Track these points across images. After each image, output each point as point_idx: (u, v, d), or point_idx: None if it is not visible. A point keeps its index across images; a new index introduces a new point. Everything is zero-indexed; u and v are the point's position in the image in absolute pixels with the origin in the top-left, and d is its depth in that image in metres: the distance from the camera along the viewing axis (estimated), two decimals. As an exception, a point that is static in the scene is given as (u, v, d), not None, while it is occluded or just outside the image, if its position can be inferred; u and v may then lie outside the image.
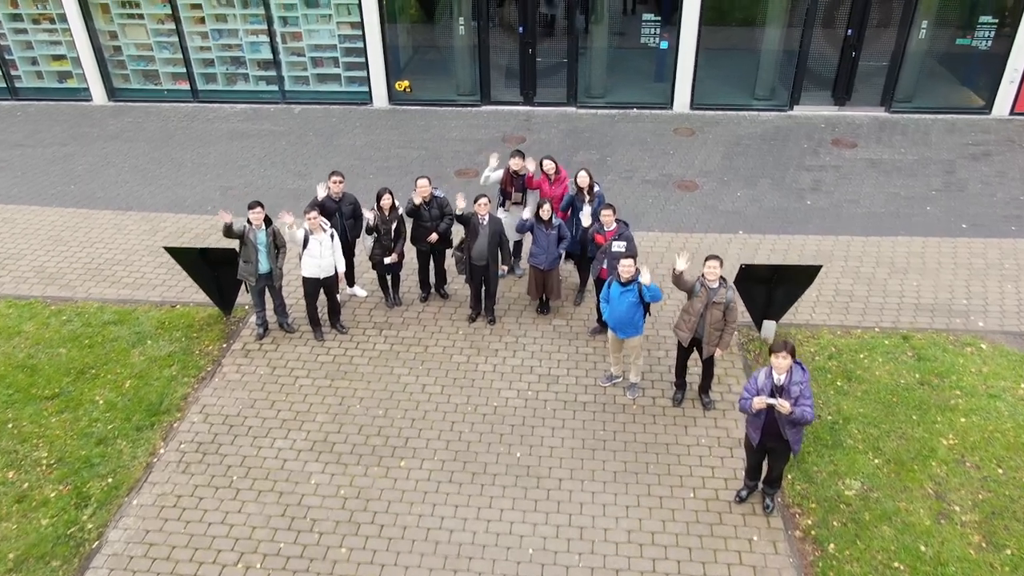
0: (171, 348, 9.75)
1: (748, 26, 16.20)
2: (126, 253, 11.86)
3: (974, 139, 14.82)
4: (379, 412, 8.79)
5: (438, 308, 10.49)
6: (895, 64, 15.52)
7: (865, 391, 8.85)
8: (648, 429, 8.50)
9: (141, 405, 8.86)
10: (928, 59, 15.68)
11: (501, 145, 14.89)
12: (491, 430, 8.52)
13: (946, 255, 11.39)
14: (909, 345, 9.58)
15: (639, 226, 12.18)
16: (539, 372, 9.35)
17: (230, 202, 13.20)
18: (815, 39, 15.38)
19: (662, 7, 15.64)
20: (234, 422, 8.69)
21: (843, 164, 13.99)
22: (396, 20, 16.49)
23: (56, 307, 10.62)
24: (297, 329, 10.05)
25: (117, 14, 16.77)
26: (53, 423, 8.65)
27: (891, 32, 15.29)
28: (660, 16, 15.65)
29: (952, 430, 8.27)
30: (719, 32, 15.73)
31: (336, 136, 15.46)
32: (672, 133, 15.29)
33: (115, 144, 15.41)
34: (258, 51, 16.90)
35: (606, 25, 15.94)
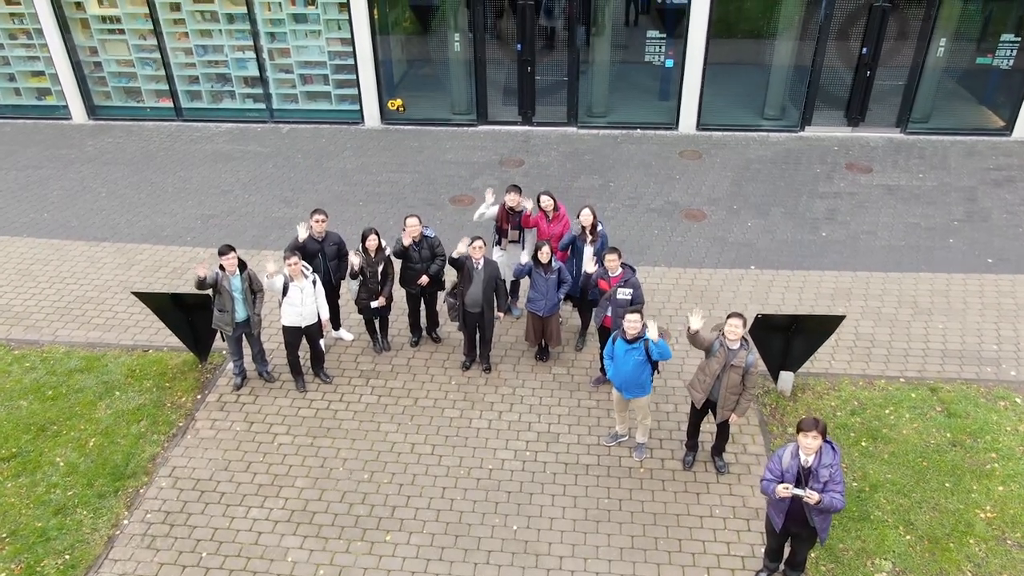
0: (141, 400, 9.01)
1: (757, 42, 15.51)
2: (98, 290, 11.12)
3: (995, 163, 14.11)
4: (364, 476, 8.05)
5: (429, 354, 9.76)
6: (912, 83, 14.83)
7: (892, 453, 8.12)
8: (656, 497, 7.77)
9: (105, 468, 8.12)
10: (946, 78, 14.98)
11: (498, 168, 14.18)
12: (486, 498, 7.79)
13: (972, 294, 10.67)
14: (938, 399, 8.85)
15: (644, 260, 11.46)
16: (538, 429, 8.62)
17: (212, 231, 12.48)
18: (828, 57, 14.67)
19: (666, 22, 14.91)
20: (206, 487, 7.96)
21: (859, 191, 13.28)
22: (388, 35, 15.77)
23: (20, 352, 9.87)
24: (277, 378, 9.32)
25: (97, 29, 16.06)
26: (8, 489, 7.91)
27: (908, 50, 14.60)
28: (665, 33, 14.92)
29: (990, 500, 7.54)
30: (727, 48, 15.04)
31: (325, 158, 14.73)
32: (678, 156, 14.58)
33: (93, 167, 14.68)
34: (244, 68, 16.19)
35: (608, 42, 15.24)
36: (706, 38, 14.35)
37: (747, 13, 15.38)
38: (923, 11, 14.13)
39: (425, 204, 13.18)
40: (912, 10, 14.23)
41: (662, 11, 15.10)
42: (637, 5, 16.01)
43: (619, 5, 15.55)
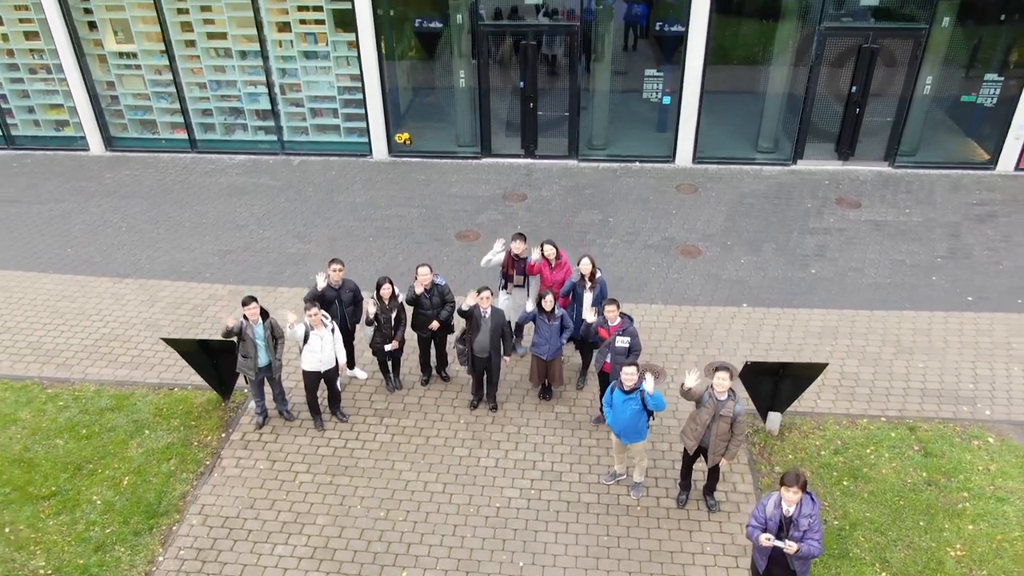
0: (169, 439, 9.64)
1: (751, 75, 16.11)
2: (124, 327, 11.74)
3: (979, 198, 14.74)
4: (380, 513, 8.68)
5: (439, 392, 10.38)
6: (899, 119, 15.46)
7: (872, 492, 8.75)
8: (652, 534, 8.39)
9: (140, 506, 8.75)
10: (933, 114, 15.59)
11: (502, 203, 14.80)
12: (494, 535, 8.41)
13: (952, 332, 11.30)
14: (916, 438, 9.48)
15: (642, 298, 12.09)
16: (542, 467, 9.24)
17: (229, 267, 13.10)
18: (819, 93, 15.29)
19: (664, 49, 15.43)
20: (233, 524, 8.58)
21: (847, 227, 13.90)
22: (396, 72, 16.39)
23: (53, 390, 10.49)
24: (297, 416, 9.94)
25: (114, 64, 16.68)
26: (50, 526, 8.53)
27: (896, 88, 15.22)
28: (663, 62, 15.53)
29: (960, 539, 8.17)
30: (722, 77, 15.60)
31: (336, 192, 15.36)
32: (675, 190, 15.21)
33: (112, 200, 15.30)
34: (256, 101, 16.80)
35: (608, 77, 15.85)
36: (702, 73, 14.93)
37: (742, 46, 15.95)
38: (910, 52, 14.74)
39: (432, 240, 13.80)
40: (899, 51, 14.84)
41: (660, 38, 15.62)
42: (636, 31, 16.51)
43: (618, 41, 16.08)
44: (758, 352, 10.99)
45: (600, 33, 15.28)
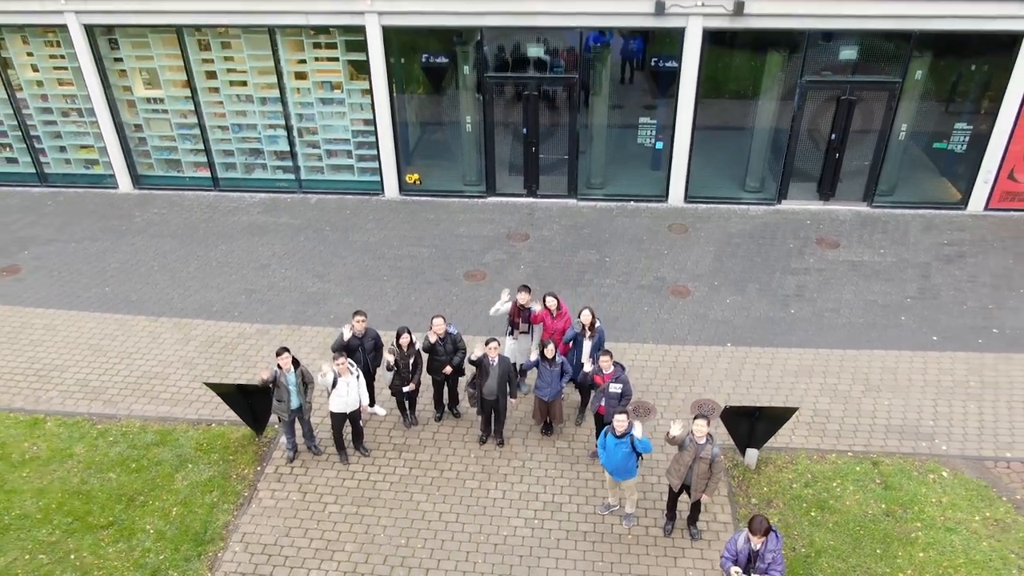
0: (210, 472, 10.79)
1: (740, 116, 17.22)
2: (162, 365, 12.89)
3: (950, 238, 15.90)
4: (401, 541, 9.83)
5: (451, 428, 11.54)
6: (876, 163, 16.61)
7: (836, 522, 9.90)
8: (642, 560, 9.55)
9: (188, 534, 9.90)
10: (909, 156, 16.73)
11: (506, 243, 15.96)
12: (502, 561, 9.56)
13: (916, 371, 12.45)
14: (878, 472, 10.64)
15: (635, 337, 13.25)
16: (544, 499, 10.40)
17: (255, 307, 14.26)
18: (801, 140, 16.44)
19: (659, 84, 16.50)
20: (272, 551, 9.73)
21: (826, 267, 15.06)
22: (407, 117, 17.53)
23: (102, 426, 11.65)
24: (323, 451, 11.09)
25: (142, 108, 17.84)
26: (110, 553, 9.68)
27: (872, 135, 16.37)
28: (655, 120, 16.70)
29: (911, 565, 9.33)
30: (713, 118, 16.71)
31: (351, 231, 16.51)
32: (667, 230, 16.36)
33: (143, 239, 16.45)
34: (275, 143, 17.97)
35: (604, 123, 16.99)
36: (693, 114, 16.04)
37: (733, 79, 17.05)
38: (885, 103, 15.91)
39: (442, 279, 14.97)
40: (875, 102, 16.02)
41: (655, 73, 16.71)
42: (632, 65, 17.59)
43: (615, 74, 17.15)
44: (740, 390, 12.15)
45: (598, 78, 16.40)
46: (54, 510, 10.29)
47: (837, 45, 15.52)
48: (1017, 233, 16.04)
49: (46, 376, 12.72)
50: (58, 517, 10.18)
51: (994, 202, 16.70)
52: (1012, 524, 9.83)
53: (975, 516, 9.93)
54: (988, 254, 15.37)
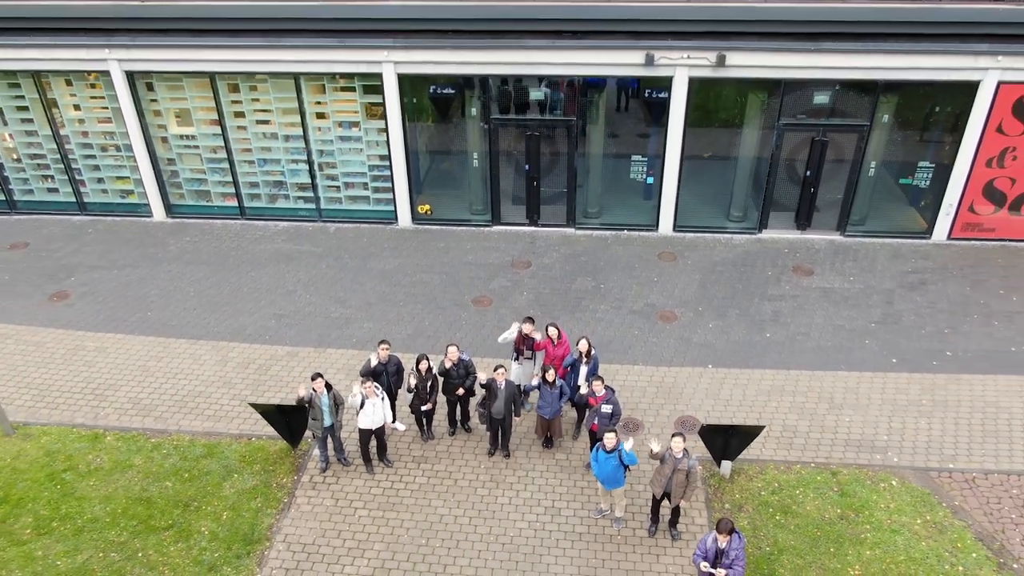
0: (254, 481, 12.40)
1: (725, 153, 18.84)
2: (204, 384, 14.51)
3: (914, 265, 17.50)
4: (423, 541, 11.44)
5: (463, 442, 13.15)
6: (848, 197, 18.22)
7: (797, 525, 11.51)
8: (629, 558, 11.15)
9: (237, 535, 11.51)
10: (878, 191, 18.35)
11: (510, 270, 17.57)
12: (509, 558, 11.17)
13: (876, 390, 14.06)
14: (836, 481, 12.24)
15: (626, 359, 14.85)
16: (545, 504, 12.00)
17: (284, 330, 15.86)
18: (780, 176, 18.05)
19: (651, 113, 18.02)
20: (311, 550, 11.34)
21: (800, 293, 16.67)
22: (419, 153, 19.15)
23: (156, 440, 13.26)
24: (352, 463, 12.69)
25: (175, 144, 19.47)
26: (172, 552, 11.28)
27: (844, 171, 17.99)
28: (646, 157, 18.33)
29: (859, 562, 10.93)
30: (701, 147, 18.32)
31: (369, 259, 18.13)
32: (657, 258, 17.98)
33: (178, 266, 18.06)
34: (297, 176, 19.59)
35: (600, 160, 18.61)
36: (680, 155, 17.65)
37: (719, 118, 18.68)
38: (855, 143, 17.54)
39: (453, 305, 16.58)
40: (846, 142, 17.65)
41: (648, 103, 18.24)
42: (627, 93, 19.13)
43: (611, 103, 18.72)
44: (719, 407, 13.76)
45: (593, 119, 18.02)
46: (120, 514, 11.88)
47: (811, 92, 17.14)
48: (976, 261, 17.63)
49: (101, 395, 14.32)
50: (124, 520, 11.78)
51: (956, 232, 18.29)
52: (948, 527, 11.44)
53: (917, 520, 11.54)
54: (948, 281, 16.98)
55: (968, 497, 11.97)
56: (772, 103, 17.34)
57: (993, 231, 18.17)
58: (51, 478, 12.48)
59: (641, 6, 16.32)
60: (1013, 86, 16.36)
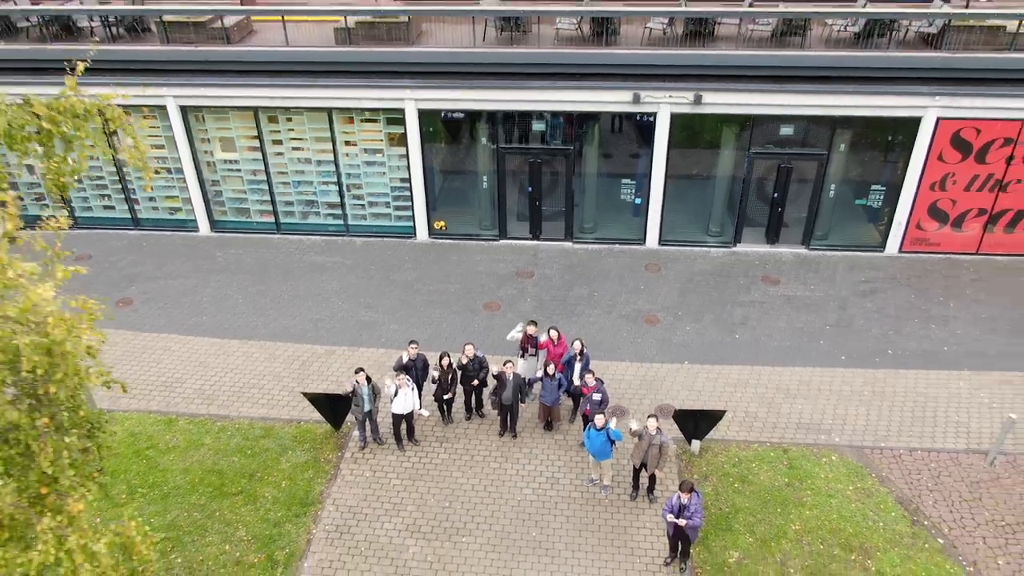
0: (305, 457, 15.06)
1: (704, 176, 21.47)
2: (257, 377, 17.17)
3: (867, 276, 20.14)
4: (446, 504, 14.09)
5: (478, 425, 15.80)
6: (812, 215, 20.87)
7: (752, 491, 14.16)
8: (614, 516, 13.80)
9: (295, 499, 14.17)
10: (838, 210, 21.00)
11: (515, 279, 20.22)
12: (516, 517, 13.82)
13: (825, 383, 16.69)
14: (787, 456, 14.89)
15: (615, 356, 17.48)
16: (546, 475, 14.66)
17: (321, 332, 18.51)
18: (751, 196, 20.70)
19: (641, 134, 20.56)
20: (356, 511, 13.99)
21: (767, 300, 19.31)
22: (435, 176, 21.79)
23: (221, 424, 15.92)
24: (385, 441, 15.35)
25: (220, 168, 22.14)
26: (243, 512, 13.95)
27: (807, 193, 20.64)
28: (634, 180, 21.01)
29: (800, 519, 13.58)
30: (682, 179, 20.95)
31: (392, 271, 20.79)
32: (643, 269, 20.63)
33: (225, 276, 20.72)
34: (328, 195, 22.26)
35: (595, 183, 21.27)
36: (663, 178, 20.28)
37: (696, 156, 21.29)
38: (816, 170, 20.20)
39: (466, 310, 19.23)
40: (808, 168, 20.30)
41: (639, 125, 20.79)
42: (620, 121, 21.68)
43: (606, 125, 21.33)
44: (693, 397, 16.38)
45: (588, 147, 20.68)
46: (197, 483, 14.55)
47: (777, 125, 19.80)
48: (921, 272, 20.29)
49: (171, 386, 16.98)
50: (201, 487, 14.44)
51: (906, 246, 20.94)
52: (875, 492, 14.09)
53: (849, 487, 14.18)
54: (896, 290, 19.63)
55: (894, 469, 14.60)
56: (743, 134, 19.99)
57: (938, 245, 20.80)
58: (137, 454, 15.12)
59: (629, 53, 18.98)
60: (950, 121, 18.98)
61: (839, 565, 12.75)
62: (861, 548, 12.99)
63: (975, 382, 16.52)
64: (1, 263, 6.22)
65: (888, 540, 13.13)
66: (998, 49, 18.47)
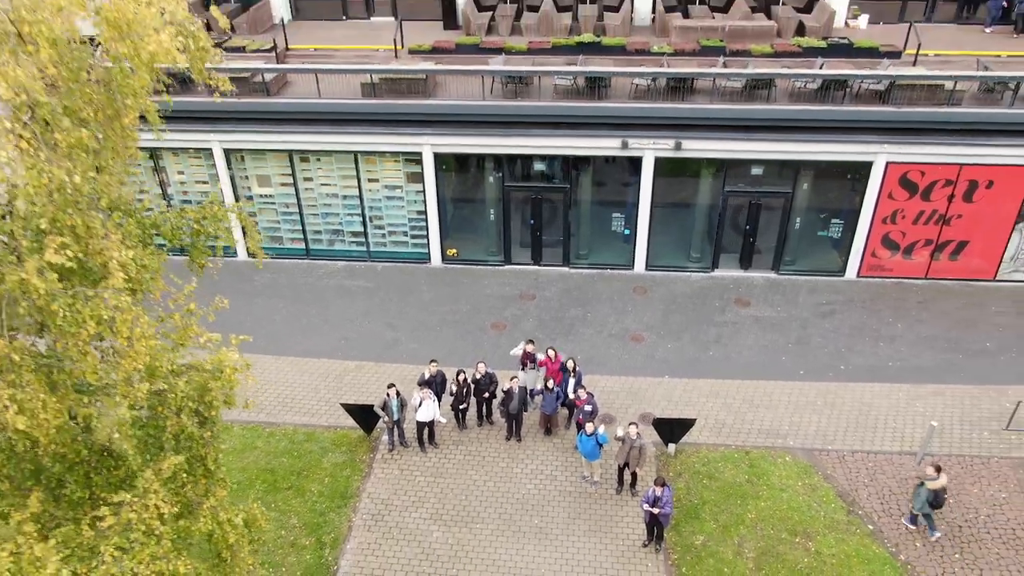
0: (344, 458, 17.96)
1: (685, 207, 24.32)
2: (295, 389, 20.05)
3: (827, 299, 23.02)
4: (463, 497, 16.98)
5: (488, 431, 18.68)
6: (780, 244, 23.75)
7: (717, 486, 17.04)
8: (602, 507, 16.68)
9: (337, 493, 17.06)
10: (804, 240, 23.88)
11: (519, 301, 23.10)
12: (521, 507, 16.70)
13: (785, 394, 19.57)
14: (748, 458, 17.77)
15: (604, 371, 20.36)
16: (546, 472, 17.55)
17: (351, 349, 21.39)
18: (726, 228, 23.56)
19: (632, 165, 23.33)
20: (387, 502, 16.88)
21: (739, 321, 22.20)
22: (448, 209, 24.68)
23: (269, 430, 18.81)
24: (410, 444, 18.24)
25: (258, 201, 25.03)
26: (294, 503, 16.85)
27: (775, 225, 23.51)
28: (624, 214, 23.90)
29: (756, 509, 16.47)
30: (665, 211, 23.81)
31: (410, 293, 23.68)
32: (632, 292, 23.51)
33: (263, 299, 23.59)
34: (352, 225, 25.14)
35: (589, 215, 24.16)
36: (649, 212, 23.14)
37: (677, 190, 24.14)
38: (782, 205, 23.08)
39: (476, 329, 22.12)
40: (775, 204, 23.18)
41: (629, 157, 23.54)
42: (611, 161, 24.48)
43: (596, 180, 24.22)
44: (671, 406, 19.23)
45: (584, 185, 23.56)
46: (254, 480, 17.43)
47: (748, 167, 22.68)
48: (875, 295, 23.16)
49: (224, 397, 19.84)
50: (258, 484, 17.33)
51: (863, 272, 23.80)
52: (819, 487, 16.96)
53: (798, 482, 17.07)
54: (851, 311, 22.51)
55: (837, 468, 17.48)
56: (719, 174, 22.85)
57: (891, 271, 23.67)
58: (201, 455, 17.98)
59: (618, 106, 21.86)
60: (898, 165, 21.85)
61: (785, 547, 15.63)
62: (804, 533, 15.88)
63: (912, 393, 19.37)
64: (194, 332, 9.16)
65: (827, 526, 16.01)
66: (938, 104, 21.32)
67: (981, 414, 18.55)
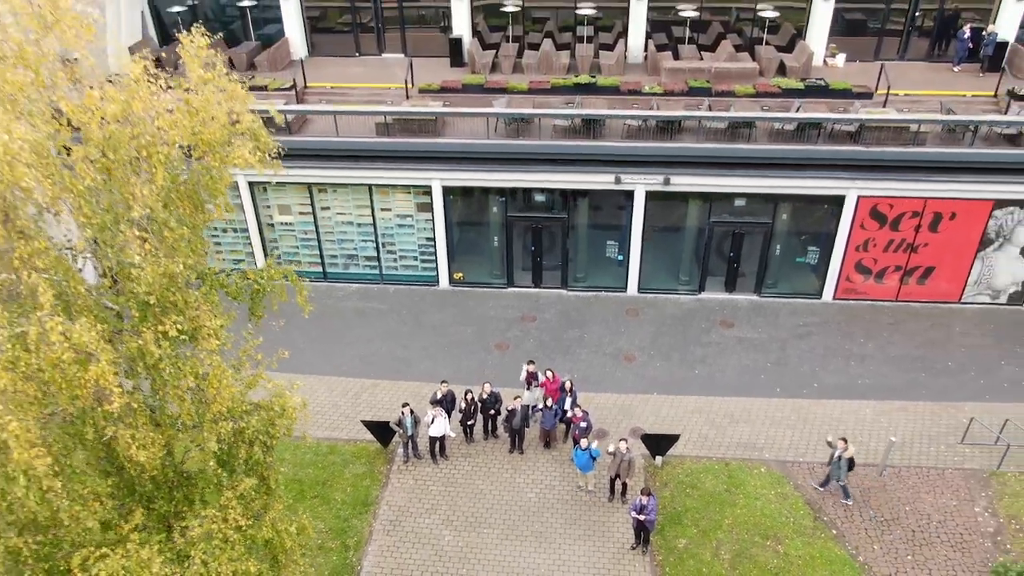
0: (363, 469, 20.00)
1: (675, 233, 26.34)
2: (320, 405, 22.08)
3: (805, 320, 25.04)
4: (472, 504, 19.02)
5: (493, 444, 20.72)
6: (761, 269, 25.77)
7: (699, 495, 19.08)
8: (596, 513, 18.71)
9: (358, 500, 19.10)
10: (784, 265, 25.89)
11: (520, 323, 25.12)
12: (523, 513, 18.74)
13: (762, 410, 21.59)
14: (727, 468, 19.81)
15: (599, 389, 22.39)
16: (545, 482, 19.59)
17: (369, 368, 23.42)
18: (712, 254, 25.59)
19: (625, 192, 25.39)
20: (403, 509, 18.93)
21: (723, 341, 24.21)
22: (455, 235, 26.72)
23: (296, 443, 20.84)
24: (424, 457, 20.28)
25: (279, 229, 27.09)
26: (320, 510, 18.88)
27: (757, 252, 25.53)
28: (617, 241, 25.95)
29: (732, 516, 18.49)
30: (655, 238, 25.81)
31: (420, 315, 25.70)
32: (625, 314, 25.54)
33: (288, 319, 25.58)
34: (366, 250, 27.18)
35: (586, 242, 26.19)
36: (641, 240, 25.15)
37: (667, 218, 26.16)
38: (763, 234, 25.11)
39: (481, 350, 24.15)
40: (757, 233, 25.21)
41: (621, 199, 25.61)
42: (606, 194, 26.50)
43: (593, 209, 26.25)
44: (659, 422, 21.27)
45: (580, 214, 25.58)
46: (284, 489, 19.46)
47: (731, 199, 24.71)
48: (849, 317, 25.16)
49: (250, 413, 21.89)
50: (286, 493, 19.24)
51: (839, 295, 25.81)
52: (790, 496, 18.98)
53: (772, 492, 19.09)
54: (827, 332, 24.52)
55: (807, 478, 19.50)
56: (705, 205, 24.87)
57: (864, 294, 25.69)
58: (235, 467, 20.04)
59: (612, 144, 23.88)
60: (868, 198, 23.86)
61: (758, 549, 17.65)
62: (775, 536, 17.91)
63: (879, 409, 21.39)
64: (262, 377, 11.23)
65: (795, 531, 18.03)
66: (904, 144, 23.34)
67: (939, 429, 20.54)
